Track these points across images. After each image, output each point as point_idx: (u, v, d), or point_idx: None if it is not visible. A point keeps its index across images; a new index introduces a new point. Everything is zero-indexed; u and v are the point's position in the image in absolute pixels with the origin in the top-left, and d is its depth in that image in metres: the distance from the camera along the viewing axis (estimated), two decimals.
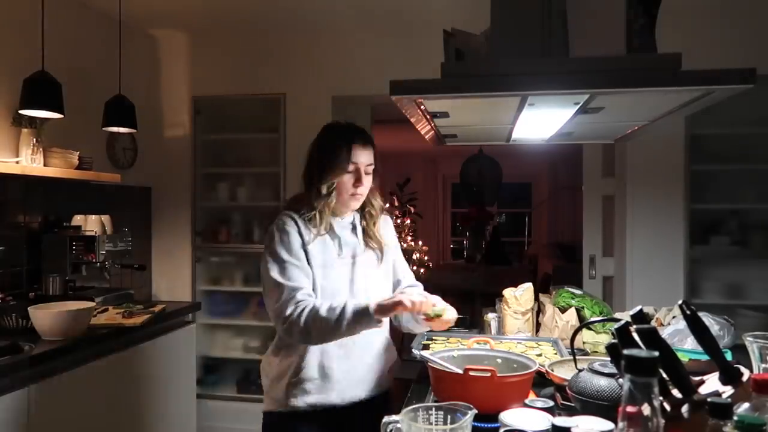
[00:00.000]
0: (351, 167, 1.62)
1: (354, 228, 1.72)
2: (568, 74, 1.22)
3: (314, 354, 1.60)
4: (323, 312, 1.48)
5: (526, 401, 1.24)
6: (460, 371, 1.32)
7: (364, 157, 1.63)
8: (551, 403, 1.19)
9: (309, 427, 1.62)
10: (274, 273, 1.55)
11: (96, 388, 2.34)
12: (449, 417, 0.99)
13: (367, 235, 1.72)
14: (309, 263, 1.59)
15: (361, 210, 1.73)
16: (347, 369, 1.63)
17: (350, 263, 1.66)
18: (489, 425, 1.16)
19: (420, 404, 1.00)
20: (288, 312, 1.50)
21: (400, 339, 4.94)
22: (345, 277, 1.65)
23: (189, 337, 3.09)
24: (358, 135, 1.65)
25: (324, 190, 1.62)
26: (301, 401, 1.60)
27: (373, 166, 1.67)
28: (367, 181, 1.66)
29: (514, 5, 1.35)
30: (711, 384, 0.99)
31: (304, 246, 1.60)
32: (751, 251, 3.18)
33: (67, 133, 2.86)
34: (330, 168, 1.62)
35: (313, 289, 1.59)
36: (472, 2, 1.93)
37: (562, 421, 0.91)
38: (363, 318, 1.46)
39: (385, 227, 1.81)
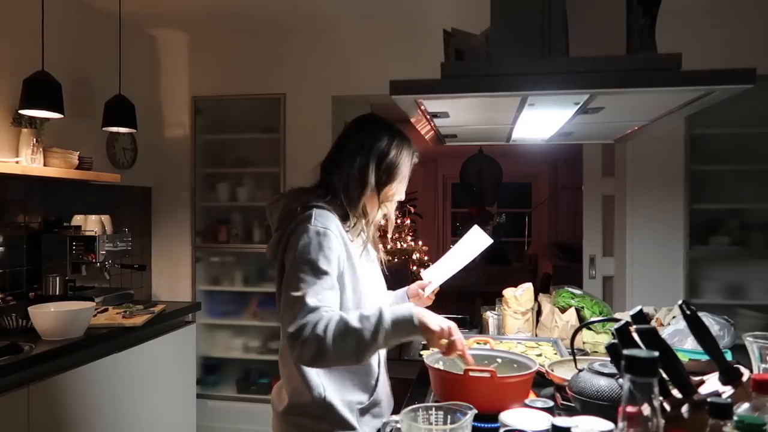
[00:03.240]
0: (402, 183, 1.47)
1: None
2: (568, 74, 1.22)
3: (382, 374, 1.45)
4: (354, 322, 1.22)
5: (526, 401, 1.24)
6: (460, 371, 1.32)
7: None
8: (551, 403, 1.19)
9: None
10: (303, 285, 1.27)
11: (96, 388, 2.34)
12: (449, 417, 0.99)
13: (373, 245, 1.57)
14: (351, 276, 1.38)
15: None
16: (386, 384, 1.51)
17: (372, 261, 1.52)
18: (489, 425, 1.16)
19: (420, 404, 1.00)
20: (307, 321, 1.23)
21: None
22: (376, 280, 1.51)
23: (189, 337, 3.09)
24: (411, 146, 1.50)
25: (366, 208, 1.41)
26: (369, 426, 1.41)
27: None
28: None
29: (514, 5, 1.35)
30: (711, 384, 0.99)
31: (348, 257, 1.37)
32: (751, 251, 3.19)
33: (67, 133, 2.86)
34: (395, 174, 1.43)
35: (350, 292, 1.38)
36: (472, 2, 1.93)
37: (562, 421, 0.91)
38: (401, 328, 1.22)
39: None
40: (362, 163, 1.40)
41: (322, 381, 1.37)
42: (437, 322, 1.23)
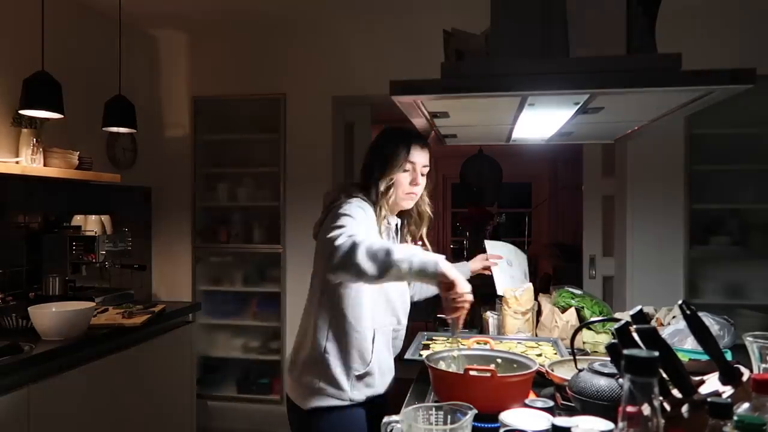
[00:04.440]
0: (408, 166, 1.67)
1: (396, 231, 1.76)
2: (568, 74, 1.22)
3: (377, 345, 1.63)
4: (390, 246, 1.39)
5: (526, 401, 1.24)
6: (461, 371, 1.32)
7: (421, 158, 1.69)
8: (551, 403, 1.19)
9: (359, 416, 1.63)
10: (342, 224, 1.48)
11: (96, 388, 2.34)
12: (449, 417, 0.99)
13: (410, 239, 1.80)
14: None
15: (406, 214, 1.79)
16: (387, 358, 1.69)
17: None
18: (489, 425, 1.16)
19: (420, 404, 1.00)
20: (353, 234, 1.43)
21: None
22: None
23: (189, 337, 3.09)
24: (416, 136, 1.72)
25: (383, 186, 1.65)
26: (361, 394, 1.62)
27: (428, 168, 1.72)
28: (423, 182, 1.71)
29: (514, 5, 1.35)
30: (711, 384, 0.99)
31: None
32: (751, 251, 3.19)
33: (67, 133, 2.86)
34: (390, 164, 1.66)
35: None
36: (472, 2, 1.93)
37: (562, 421, 0.91)
38: (428, 270, 1.37)
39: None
40: (369, 160, 1.73)
41: (326, 343, 1.60)
42: (456, 275, 1.36)
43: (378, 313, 1.66)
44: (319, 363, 1.60)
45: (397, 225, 1.77)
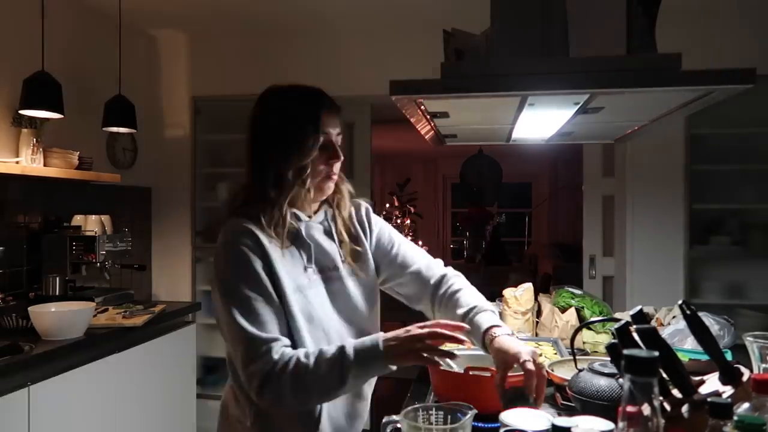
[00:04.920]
0: (322, 139, 1.24)
1: (329, 230, 1.32)
2: (568, 74, 1.22)
3: (327, 407, 1.23)
4: (311, 363, 1.09)
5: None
6: (461, 371, 1.31)
7: (334, 125, 1.28)
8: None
9: None
10: (237, 316, 1.12)
11: (96, 388, 2.34)
12: (449, 417, 0.99)
13: (343, 234, 1.33)
14: (280, 291, 1.17)
15: (330, 201, 1.35)
16: (347, 405, 1.28)
17: (325, 279, 1.27)
18: (489, 425, 1.16)
19: (420, 404, 1.00)
20: (263, 368, 1.09)
21: None
22: (324, 303, 1.25)
23: (189, 337, 3.09)
24: (323, 97, 1.30)
25: (290, 176, 1.21)
26: None
27: (341, 134, 1.30)
28: (341, 154, 1.27)
29: (513, 5, 1.35)
30: (711, 384, 0.99)
31: (271, 267, 1.17)
32: (751, 251, 3.19)
33: (67, 133, 2.86)
34: (296, 145, 1.21)
35: (289, 326, 1.16)
36: (471, 2, 1.93)
37: (562, 421, 0.91)
38: (371, 360, 1.09)
39: (366, 217, 1.42)
40: (258, 146, 1.29)
41: (251, 411, 1.20)
42: (405, 345, 1.09)
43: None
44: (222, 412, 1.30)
45: (326, 220, 1.33)
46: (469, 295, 1.35)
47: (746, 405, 0.80)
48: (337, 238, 1.31)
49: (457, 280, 1.40)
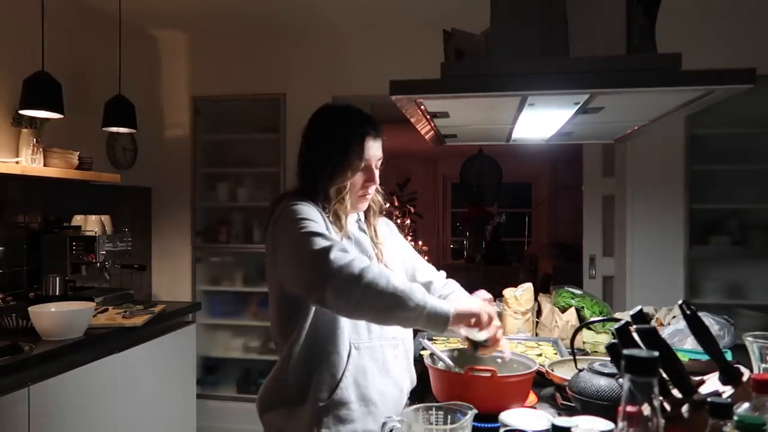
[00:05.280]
0: (363, 164, 1.38)
1: (362, 228, 1.49)
2: (568, 74, 1.22)
3: (349, 370, 1.30)
4: (394, 281, 1.15)
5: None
6: (461, 371, 1.31)
7: (376, 151, 1.41)
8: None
9: None
10: (311, 236, 1.22)
11: (96, 388, 2.34)
12: (449, 417, 0.99)
13: (375, 236, 1.50)
14: None
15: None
16: (384, 388, 1.35)
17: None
18: (489, 425, 1.16)
19: (420, 404, 1.00)
20: (341, 255, 1.16)
21: None
22: None
23: (189, 337, 3.09)
24: (371, 125, 1.40)
25: (332, 192, 1.36)
26: None
27: (381, 160, 1.44)
28: (377, 179, 1.43)
29: (514, 5, 1.35)
30: (711, 384, 0.99)
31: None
32: (751, 251, 3.19)
33: (67, 133, 2.86)
34: (341, 166, 1.35)
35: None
36: (471, 2, 1.93)
37: (562, 421, 0.91)
38: (437, 319, 1.16)
39: (388, 230, 1.59)
40: (309, 159, 1.41)
41: (290, 364, 1.32)
42: (474, 309, 1.21)
43: (353, 322, 1.33)
44: (278, 396, 1.34)
45: (359, 217, 1.50)
46: (454, 291, 1.56)
47: (746, 405, 0.80)
48: (371, 237, 1.47)
49: (453, 285, 1.59)
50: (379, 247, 1.46)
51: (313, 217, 1.27)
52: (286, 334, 1.34)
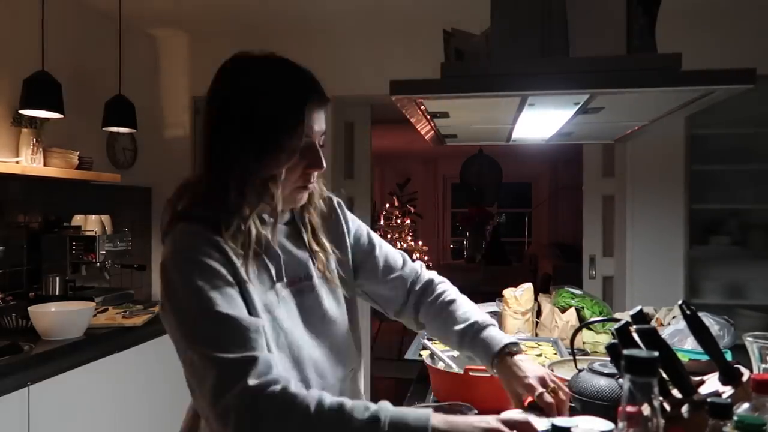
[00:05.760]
0: (304, 143, 0.97)
1: (298, 232, 1.10)
2: (568, 74, 1.22)
3: None
4: (327, 406, 0.83)
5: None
6: (461, 371, 1.31)
7: (322, 123, 1.01)
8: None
9: None
10: (209, 343, 0.87)
11: (96, 388, 2.34)
12: None
13: (315, 241, 1.10)
14: (253, 314, 0.93)
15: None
16: None
17: (296, 292, 1.05)
18: None
19: (420, 404, 1.00)
20: (250, 386, 0.82)
21: (400, 339, 4.94)
22: (295, 323, 1.02)
23: None
24: (312, 85, 1.01)
25: (255, 192, 0.95)
26: None
27: (325, 135, 1.04)
28: (323, 161, 1.02)
29: (513, 5, 1.35)
30: (711, 384, 0.99)
31: (241, 286, 0.94)
32: (751, 251, 3.19)
33: (67, 133, 2.86)
34: (270, 149, 0.95)
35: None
36: (471, 2, 1.93)
37: (562, 421, 0.91)
38: None
39: (335, 223, 1.18)
40: (220, 139, 0.99)
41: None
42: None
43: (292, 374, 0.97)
44: None
45: (292, 221, 1.10)
46: (464, 307, 1.21)
47: (746, 405, 0.80)
48: (308, 243, 1.09)
49: (445, 286, 1.27)
50: (320, 257, 1.09)
51: (217, 284, 0.90)
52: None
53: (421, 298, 1.26)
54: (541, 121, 1.67)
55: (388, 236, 7.08)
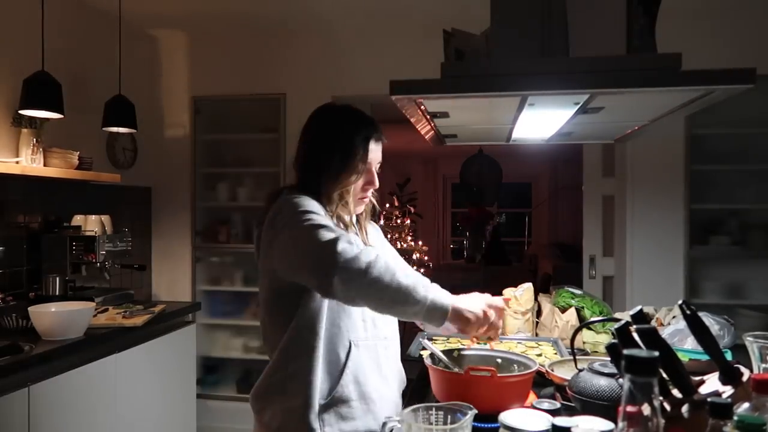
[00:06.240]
0: (366, 167, 1.39)
1: (355, 227, 1.47)
2: (568, 74, 1.22)
3: (349, 367, 1.30)
4: (399, 276, 1.15)
5: (534, 402, 1.24)
6: (461, 371, 1.31)
7: (378, 154, 1.42)
8: (558, 405, 1.18)
9: None
10: (313, 223, 1.22)
11: (96, 388, 2.34)
12: (449, 417, 0.99)
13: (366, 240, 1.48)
14: None
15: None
16: (380, 387, 1.35)
17: None
18: (489, 425, 1.16)
19: (420, 404, 1.00)
20: (348, 247, 1.15)
21: (400, 339, 4.94)
22: None
23: (189, 337, 3.09)
24: (374, 128, 1.41)
25: (336, 196, 1.35)
26: (336, 430, 1.27)
27: (381, 163, 1.45)
28: (377, 182, 1.44)
29: (513, 5, 1.35)
30: (711, 384, 0.99)
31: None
32: (750, 251, 3.19)
33: (67, 133, 2.86)
34: (345, 168, 1.35)
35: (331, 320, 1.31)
36: (472, 2, 1.93)
37: (562, 421, 0.91)
38: (436, 313, 1.18)
39: (377, 234, 1.59)
40: (319, 150, 1.39)
41: (286, 363, 1.28)
42: (472, 310, 1.21)
43: (351, 320, 1.33)
44: (276, 392, 1.30)
45: (353, 223, 1.46)
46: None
47: (746, 405, 0.80)
48: (360, 237, 1.44)
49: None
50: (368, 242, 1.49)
51: (316, 209, 1.27)
52: (279, 330, 1.31)
53: None
54: (541, 121, 1.67)
55: (388, 236, 7.07)
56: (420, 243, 7.05)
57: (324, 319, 1.29)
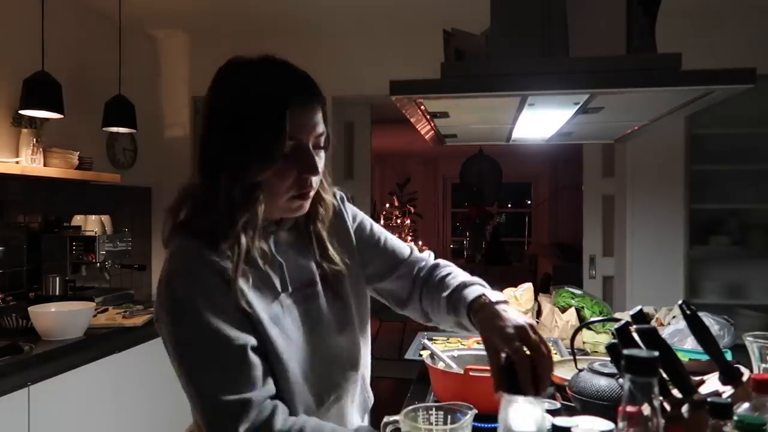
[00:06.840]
0: (289, 146, 0.89)
1: (301, 238, 1.03)
2: (568, 74, 1.22)
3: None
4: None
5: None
6: (461, 371, 1.31)
7: (309, 120, 0.93)
8: (558, 405, 1.18)
9: None
10: (203, 380, 0.93)
11: (96, 388, 2.34)
12: (449, 417, 0.99)
13: (324, 256, 1.03)
14: (254, 327, 0.91)
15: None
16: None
17: (300, 299, 1.00)
18: (489, 425, 1.16)
19: (420, 404, 1.00)
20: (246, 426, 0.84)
21: (400, 339, 4.94)
22: (302, 329, 0.98)
23: None
24: (296, 84, 0.95)
25: (240, 197, 0.89)
26: None
27: (325, 134, 0.96)
28: (321, 163, 0.95)
29: (513, 5, 1.35)
30: (711, 384, 0.99)
31: (241, 302, 0.90)
32: (750, 251, 3.19)
33: (67, 133, 2.86)
34: (254, 151, 0.89)
35: (272, 369, 0.92)
36: (472, 2, 1.93)
37: (562, 421, 0.91)
38: None
39: (341, 213, 1.12)
40: (209, 141, 0.97)
41: None
42: None
43: (304, 389, 0.97)
44: None
45: (295, 225, 1.03)
46: (457, 276, 1.11)
47: (746, 405, 0.80)
48: (317, 257, 1.03)
49: (450, 269, 1.18)
50: (328, 270, 1.03)
51: (208, 308, 0.90)
52: None
53: (425, 283, 1.16)
54: (541, 121, 1.67)
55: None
56: (420, 243, 7.06)
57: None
